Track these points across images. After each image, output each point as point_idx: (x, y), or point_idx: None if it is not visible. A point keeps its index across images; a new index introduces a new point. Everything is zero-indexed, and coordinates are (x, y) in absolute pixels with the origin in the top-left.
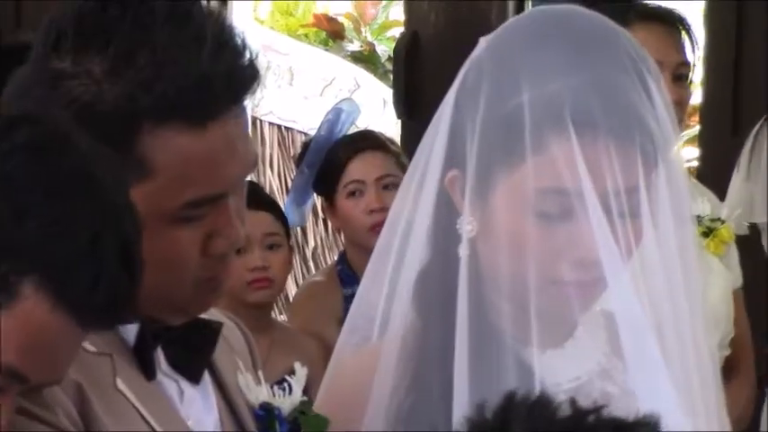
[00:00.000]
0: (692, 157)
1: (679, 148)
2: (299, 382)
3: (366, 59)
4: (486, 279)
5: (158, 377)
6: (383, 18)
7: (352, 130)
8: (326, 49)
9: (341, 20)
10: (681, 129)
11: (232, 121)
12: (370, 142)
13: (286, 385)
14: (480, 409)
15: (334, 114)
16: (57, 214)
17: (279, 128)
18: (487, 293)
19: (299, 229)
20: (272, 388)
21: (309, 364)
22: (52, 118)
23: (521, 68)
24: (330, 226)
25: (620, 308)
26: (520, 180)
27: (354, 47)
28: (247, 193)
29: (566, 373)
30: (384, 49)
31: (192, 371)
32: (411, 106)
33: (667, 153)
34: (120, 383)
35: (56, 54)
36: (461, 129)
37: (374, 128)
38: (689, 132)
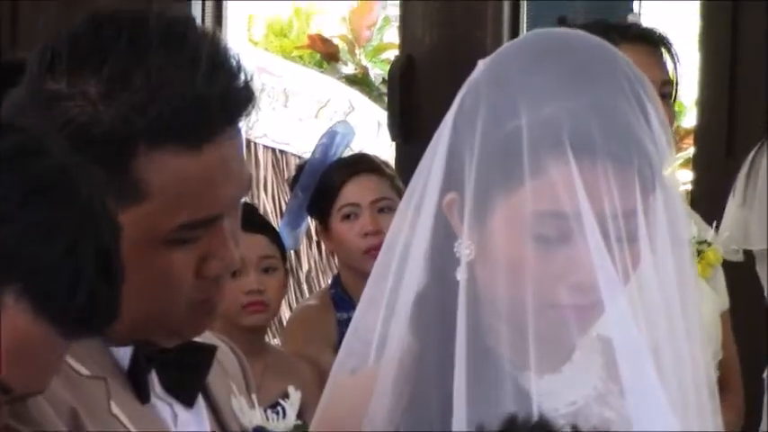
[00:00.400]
0: (686, 180)
1: (675, 170)
2: (292, 405)
3: (361, 82)
4: (485, 302)
5: (152, 400)
6: (378, 40)
7: (347, 152)
8: (321, 71)
9: (336, 41)
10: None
11: (227, 143)
12: (364, 165)
13: (280, 409)
14: (479, 429)
15: (329, 137)
16: (32, 223)
17: (273, 150)
18: (485, 317)
19: (292, 253)
20: (265, 412)
21: (303, 388)
22: (25, 126)
23: (518, 91)
24: (324, 249)
25: (618, 332)
26: (518, 203)
27: (349, 69)
28: (244, 216)
29: (563, 397)
30: (379, 72)
31: (186, 394)
32: (406, 129)
33: (665, 176)
34: (115, 407)
35: (51, 75)
36: (459, 152)
37: (369, 151)
38: (683, 155)
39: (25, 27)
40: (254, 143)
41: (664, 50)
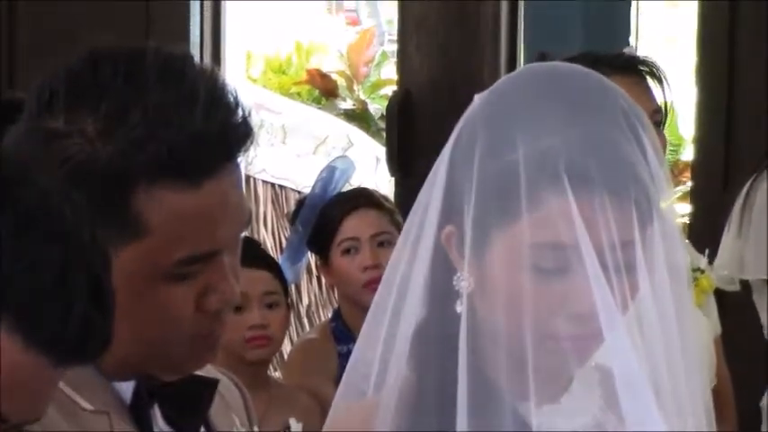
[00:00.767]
0: (684, 212)
1: (673, 202)
2: None
3: (359, 117)
4: (484, 334)
5: None
6: (376, 76)
7: (347, 187)
8: (319, 107)
9: (334, 77)
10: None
11: (227, 179)
12: (364, 200)
13: None
14: None
15: (329, 172)
16: (19, 254)
17: (272, 186)
18: (485, 348)
19: (293, 287)
20: None
21: (305, 420)
22: (7, 157)
23: (515, 125)
24: (324, 283)
25: (617, 362)
26: (516, 235)
27: (347, 105)
28: (247, 251)
29: (562, 427)
30: (377, 108)
31: (188, 427)
32: (404, 164)
33: (662, 208)
34: None
35: (49, 113)
36: (457, 185)
37: (368, 185)
38: (681, 188)
39: (23, 65)
40: (254, 179)
41: (652, 79)
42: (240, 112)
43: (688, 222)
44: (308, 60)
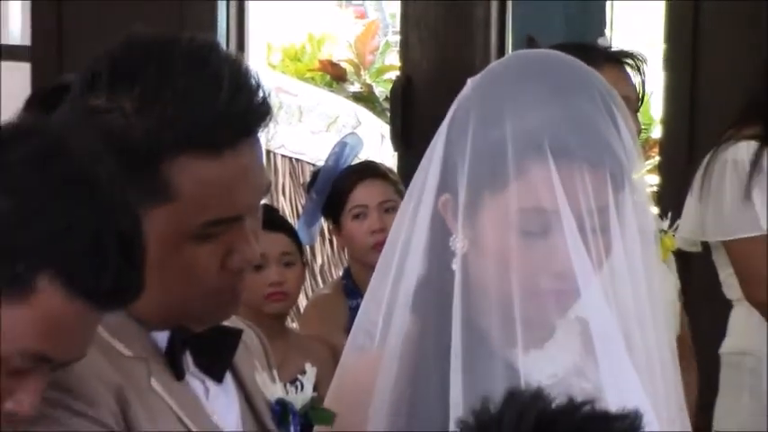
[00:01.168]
0: (653, 183)
1: (644, 174)
2: (309, 380)
3: (366, 99)
4: (476, 289)
5: (186, 378)
6: (380, 63)
7: (356, 161)
8: (331, 90)
9: (343, 65)
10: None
11: (247, 152)
12: (371, 171)
13: (298, 384)
14: (485, 401)
15: (340, 147)
16: (60, 215)
17: (290, 159)
18: (477, 301)
19: (308, 248)
20: (285, 386)
21: (319, 365)
22: (49, 129)
23: (504, 104)
24: (336, 245)
25: (593, 313)
26: (504, 202)
27: (355, 88)
28: (266, 217)
29: (545, 371)
30: (381, 90)
31: (216, 371)
32: (406, 140)
33: (633, 177)
34: (155, 383)
35: (92, 93)
36: (452, 158)
37: (374, 159)
38: (650, 162)
39: (70, 53)
40: (273, 153)
41: (633, 70)
42: (260, 93)
43: (656, 192)
44: (321, 49)
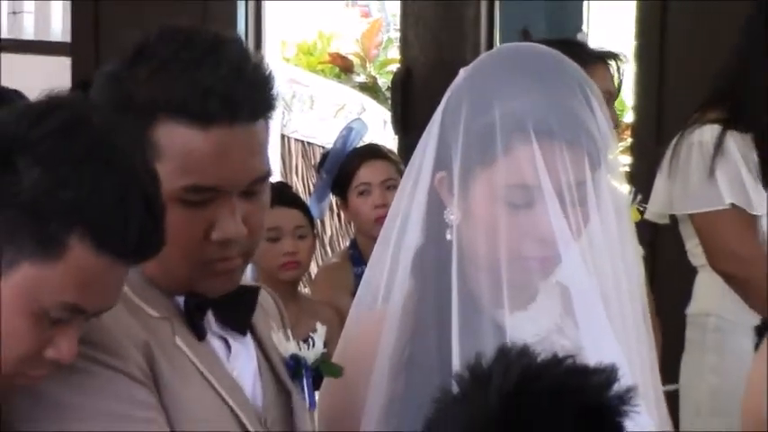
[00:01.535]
0: (625, 163)
1: (617, 155)
2: (320, 338)
3: (370, 89)
4: (468, 256)
5: (208, 338)
6: (383, 57)
7: (361, 144)
8: (339, 81)
9: (350, 58)
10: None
11: (239, 134)
12: (375, 153)
13: (310, 341)
14: (478, 357)
15: (347, 131)
16: (87, 180)
17: (302, 143)
18: (469, 267)
19: (318, 221)
20: (299, 344)
21: (327, 326)
22: (72, 104)
23: (492, 91)
24: (343, 219)
25: (572, 277)
26: (493, 178)
27: (361, 79)
28: (281, 195)
29: (529, 330)
30: (384, 81)
31: (240, 324)
32: (405, 125)
33: (607, 155)
34: (179, 341)
35: (121, 67)
36: (447, 140)
37: (378, 142)
38: (623, 144)
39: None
40: (288, 137)
41: (612, 65)
42: (267, 86)
43: (628, 170)
44: (330, 45)
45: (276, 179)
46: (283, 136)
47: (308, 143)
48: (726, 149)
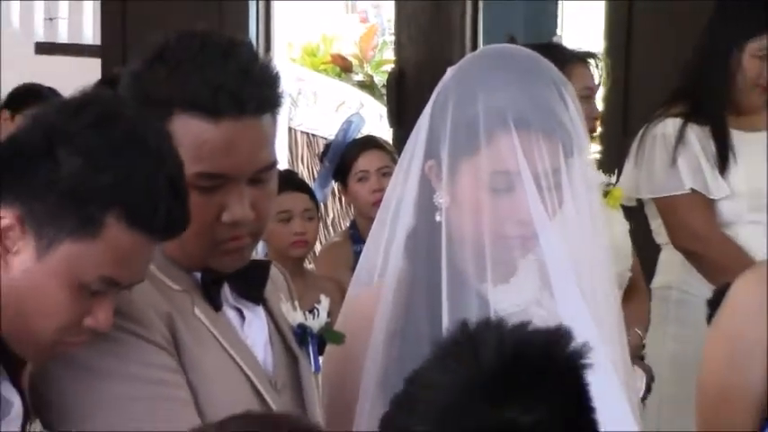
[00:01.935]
0: (595, 150)
1: (588, 143)
2: (324, 309)
3: (368, 87)
4: (456, 236)
5: (225, 309)
6: (379, 57)
7: (359, 135)
8: (340, 80)
9: (350, 59)
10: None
11: (249, 127)
12: (372, 143)
13: (315, 311)
14: (463, 325)
15: (347, 124)
16: (121, 167)
17: (307, 135)
18: (456, 246)
19: (322, 205)
20: (305, 314)
21: (330, 298)
22: (105, 99)
23: (477, 88)
24: (344, 202)
25: (548, 254)
26: (477, 165)
27: (359, 78)
28: (292, 180)
29: (511, 301)
30: (380, 79)
31: (254, 295)
32: (399, 119)
33: (580, 145)
34: (198, 311)
35: (144, 66)
36: (436, 131)
37: (374, 134)
38: (593, 134)
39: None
40: (294, 130)
41: (591, 63)
42: (273, 85)
43: (597, 158)
44: (331, 47)
45: (284, 167)
46: (290, 128)
47: (313, 135)
48: (687, 140)
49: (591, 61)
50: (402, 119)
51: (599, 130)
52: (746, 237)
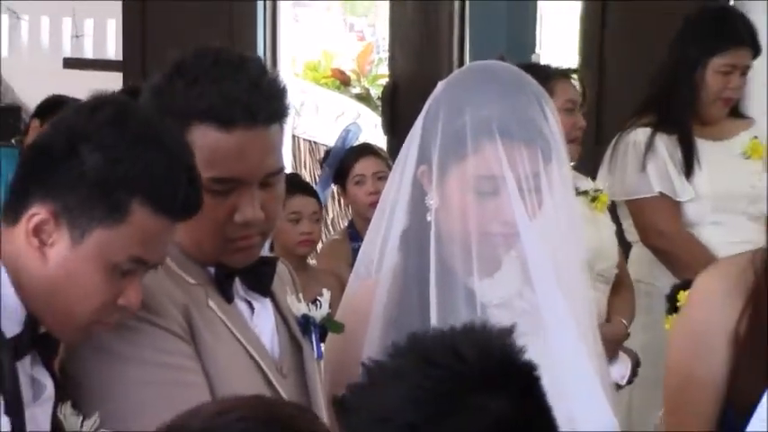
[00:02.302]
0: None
1: (566, 150)
2: (325, 300)
3: (364, 99)
4: (445, 235)
5: (236, 302)
6: (375, 72)
7: (357, 143)
8: (339, 92)
9: (348, 73)
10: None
11: (260, 136)
12: (368, 150)
13: (318, 303)
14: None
15: (345, 133)
16: (141, 156)
17: (309, 142)
18: (446, 243)
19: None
20: (308, 305)
21: (331, 291)
22: (117, 99)
23: (464, 100)
24: (342, 203)
25: (530, 251)
26: (465, 170)
27: (357, 90)
28: (300, 186)
29: (495, 294)
30: (376, 92)
31: (263, 288)
32: (393, 128)
33: (558, 152)
34: (211, 303)
35: (164, 80)
36: (427, 139)
37: (370, 142)
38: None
39: (152, 64)
40: (298, 137)
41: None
42: (281, 97)
43: (573, 165)
44: (332, 63)
45: (288, 172)
46: (294, 136)
47: (314, 142)
48: (655, 148)
49: (573, 77)
50: (396, 128)
51: None
52: (709, 236)
